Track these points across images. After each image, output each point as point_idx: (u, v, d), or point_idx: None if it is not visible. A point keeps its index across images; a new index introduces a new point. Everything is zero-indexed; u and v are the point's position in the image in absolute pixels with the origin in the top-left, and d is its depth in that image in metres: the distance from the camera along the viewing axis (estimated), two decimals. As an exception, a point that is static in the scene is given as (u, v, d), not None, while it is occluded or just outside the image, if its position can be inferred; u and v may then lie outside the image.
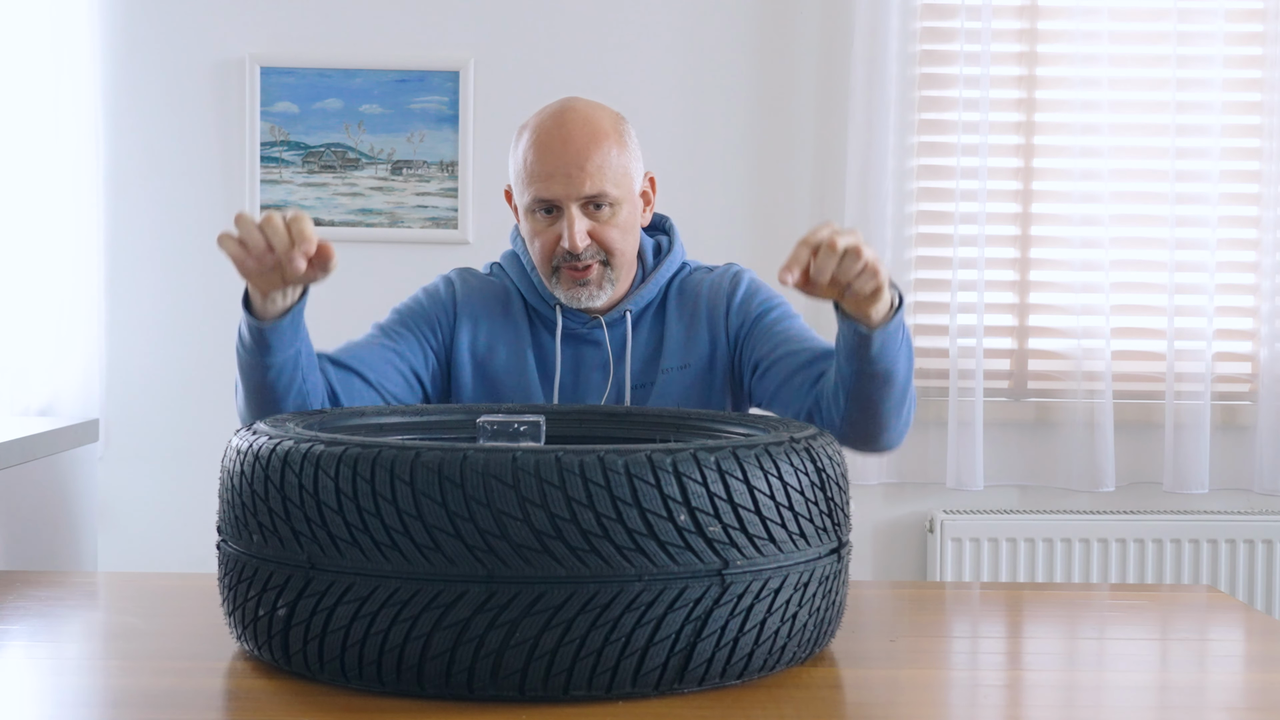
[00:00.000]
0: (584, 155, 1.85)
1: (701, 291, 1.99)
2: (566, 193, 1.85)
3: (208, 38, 3.30)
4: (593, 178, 1.85)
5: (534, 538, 1.22)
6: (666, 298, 2.00)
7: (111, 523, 3.30)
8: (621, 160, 1.89)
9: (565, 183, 1.85)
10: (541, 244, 1.90)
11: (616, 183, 1.88)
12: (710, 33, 3.34)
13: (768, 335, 1.92)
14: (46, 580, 1.82)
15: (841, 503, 1.42)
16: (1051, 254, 3.36)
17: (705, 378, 1.95)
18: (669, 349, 1.96)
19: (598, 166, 1.85)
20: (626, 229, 1.91)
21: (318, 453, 1.29)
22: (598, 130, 1.87)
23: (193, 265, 3.32)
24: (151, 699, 1.31)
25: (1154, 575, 3.29)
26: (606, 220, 1.88)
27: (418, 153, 3.32)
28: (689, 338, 1.96)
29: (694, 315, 1.97)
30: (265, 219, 1.60)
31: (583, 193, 1.85)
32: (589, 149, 1.86)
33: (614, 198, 1.88)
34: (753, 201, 3.34)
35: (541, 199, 1.87)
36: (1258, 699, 1.40)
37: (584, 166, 1.85)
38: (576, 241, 1.86)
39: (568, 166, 1.85)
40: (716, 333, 1.96)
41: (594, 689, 1.25)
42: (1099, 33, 3.28)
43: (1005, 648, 1.61)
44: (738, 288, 1.99)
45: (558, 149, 1.86)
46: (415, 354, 1.95)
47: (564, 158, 1.85)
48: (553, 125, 1.88)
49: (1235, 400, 3.37)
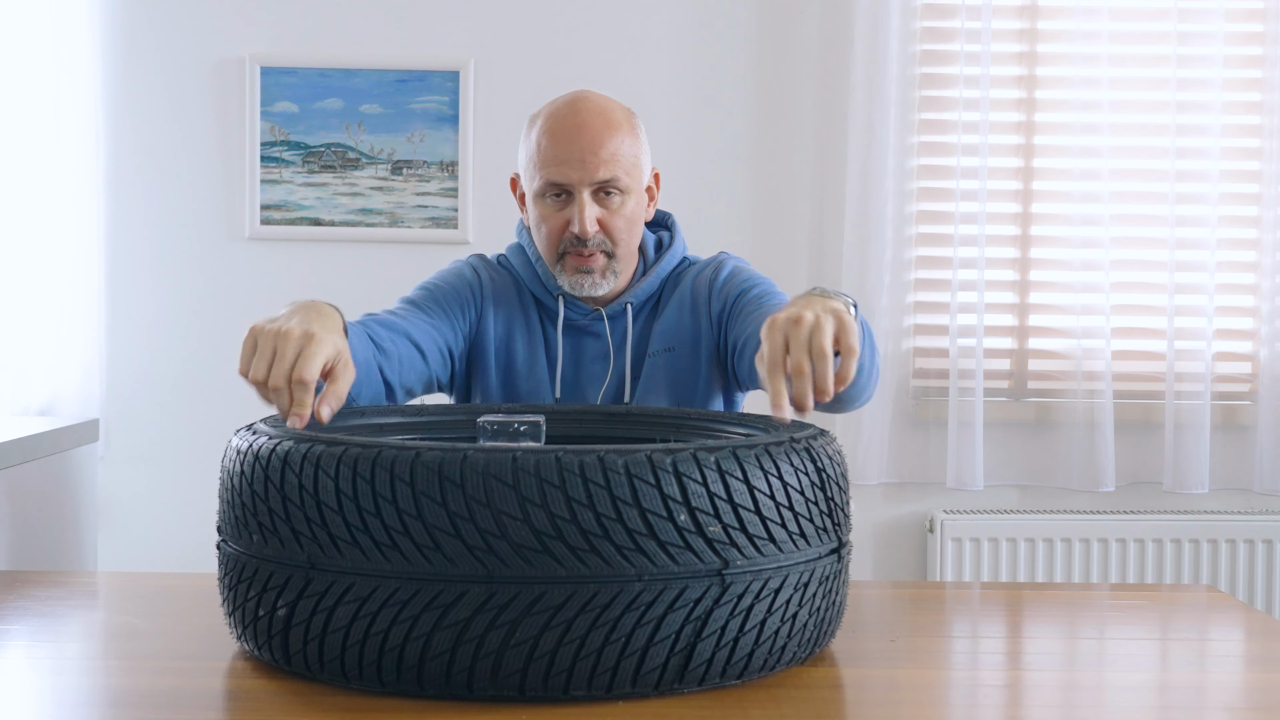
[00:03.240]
0: (598, 141, 1.87)
1: (688, 279, 2.01)
2: (580, 177, 1.87)
3: (208, 38, 3.30)
4: (606, 164, 1.87)
5: (534, 538, 1.22)
6: (664, 291, 2.02)
7: (111, 523, 3.30)
8: (633, 151, 1.91)
9: (579, 167, 1.87)
10: (549, 229, 1.92)
11: (628, 171, 1.90)
12: (710, 33, 3.34)
13: (746, 313, 1.92)
14: (46, 580, 1.82)
15: (841, 503, 1.42)
16: (1051, 254, 3.36)
17: (690, 361, 1.97)
18: (656, 333, 1.98)
19: (611, 153, 1.88)
20: (632, 220, 1.93)
21: (318, 453, 1.29)
22: (611, 119, 1.90)
23: (192, 265, 3.32)
24: (151, 699, 1.31)
25: (1154, 575, 3.29)
26: (616, 209, 1.90)
27: (418, 153, 3.32)
28: (675, 323, 1.98)
29: (680, 302, 1.99)
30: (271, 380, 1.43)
31: (596, 178, 1.87)
32: (603, 135, 1.87)
33: (625, 185, 1.90)
34: (753, 201, 3.34)
35: (554, 183, 1.89)
36: (1258, 699, 1.40)
37: (598, 152, 1.87)
38: (586, 226, 1.88)
39: (582, 152, 1.87)
40: (700, 316, 1.98)
41: (594, 689, 1.25)
42: (1099, 33, 3.28)
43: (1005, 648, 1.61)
44: (720, 271, 2.00)
45: (573, 134, 1.87)
46: (449, 332, 1.95)
47: (579, 143, 1.87)
48: (568, 112, 1.90)
49: (1235, 400, 3.37)
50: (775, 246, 3.32)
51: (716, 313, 1.97)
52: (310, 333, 1.43)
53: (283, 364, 1.41)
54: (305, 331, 1.43)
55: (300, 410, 1.41)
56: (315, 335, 1.43)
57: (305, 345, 1.42)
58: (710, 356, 1.98)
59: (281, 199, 3.32)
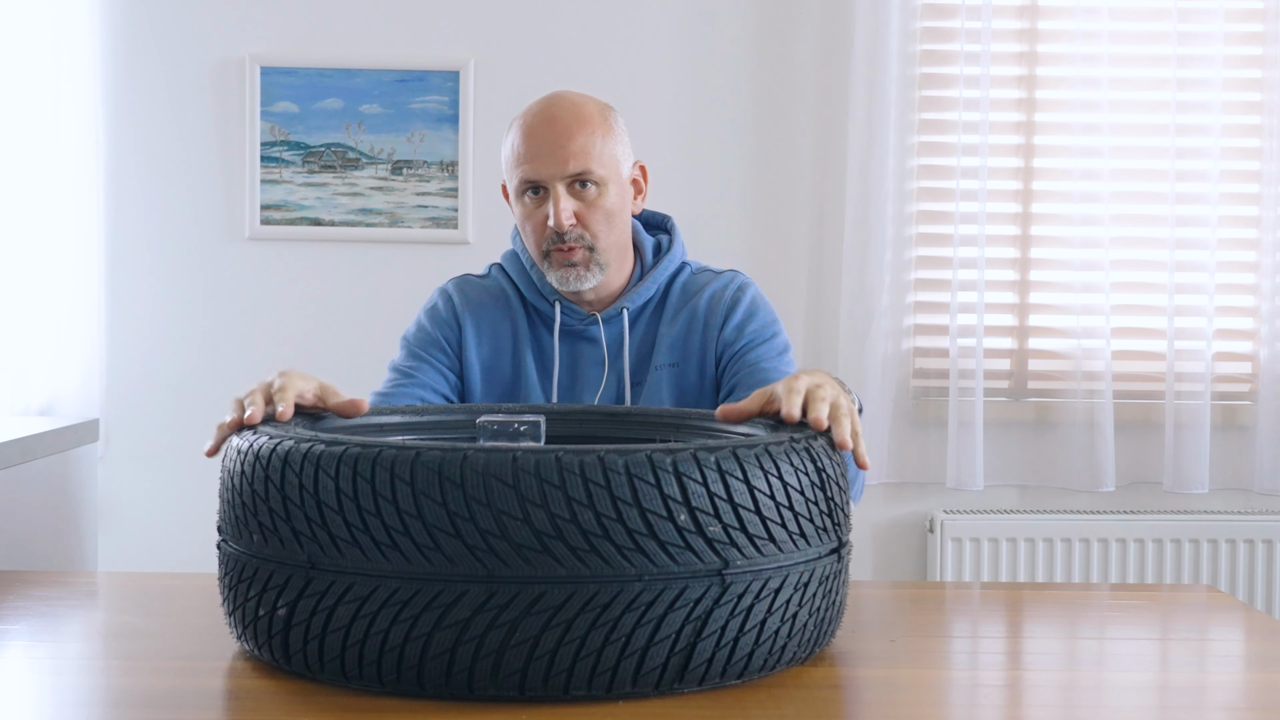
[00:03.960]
0: (567, 135, 1.90)
1: (703, 297, 2.01)
2: (551, 172, 1.90)
3: (208, 38, 3.30)
4: (576, 157, 1.90)
5: (534, 538, 1.22)
6: (666, 296, 2.02)
7: (111, 523, 3.30)
8: (607, 143, 1.93)
9: (549, 161, 1.90)
10: (533, 227, 1.94)
11: (601, 163, 1.91)
12: (710, 33, 3.34)
13: (749, 370, 1.95)
14: (46, 580, 1.82)
15: (841, 503, 1.42)
16: (1051, 254, 3.36)
17: (695, 378, 1.98)
18: (661, 346, 1.98)
19: (581, 146, 1.90)
20: (612, 212, 1.94)
21: (318, 452, 1.29)
22: (581, 113, 1.92)
23: (192, 265, 3.32)
24: (151, 699, 1.31)
25: (1154, 575, 3.29)
26: (592, 201, 1.92)
27: (418, 153, 3.32)
28: (684, 338, 1.98)
29: (691, 318, 1.99)
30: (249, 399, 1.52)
31: (566, 171, 1.89)
32: (572, 129, 1.90)
33: (599, 177, 1.91)
34: (753, 201, 3.34)
35: (528, 180, 1.92)
36: (1258, 699, 1.40)
37: (567, 145, 1.89)
38: (561, 219, 1.90)
39: (552, 147, 1.90)
40: (708, 342, 1.99)
41: (594, 689, 1.25)
42: (1099, 33, 3.28)
43: (1005, 648, 1.61)
44: (737, 305, 2.00)
45: (543, 130, 1.91)
46: (438, 380, 1.99)
47: (548, 138, 1.90)
48: (539, 110, 1.94)
49: (1235, 400, 3.37)
50: (775, 246, 3.32)
51: (723, 348, 1.98)
52: (286, 372, 1.57)
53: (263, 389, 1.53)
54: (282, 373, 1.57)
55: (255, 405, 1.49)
56: (292, 371, 1.57)
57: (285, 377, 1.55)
58: (711, 380, 1.99)
59: (281, 199, 3.32)
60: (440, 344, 2.00)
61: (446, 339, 2.00)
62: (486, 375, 1.99)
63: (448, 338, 2.00)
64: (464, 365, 1.99)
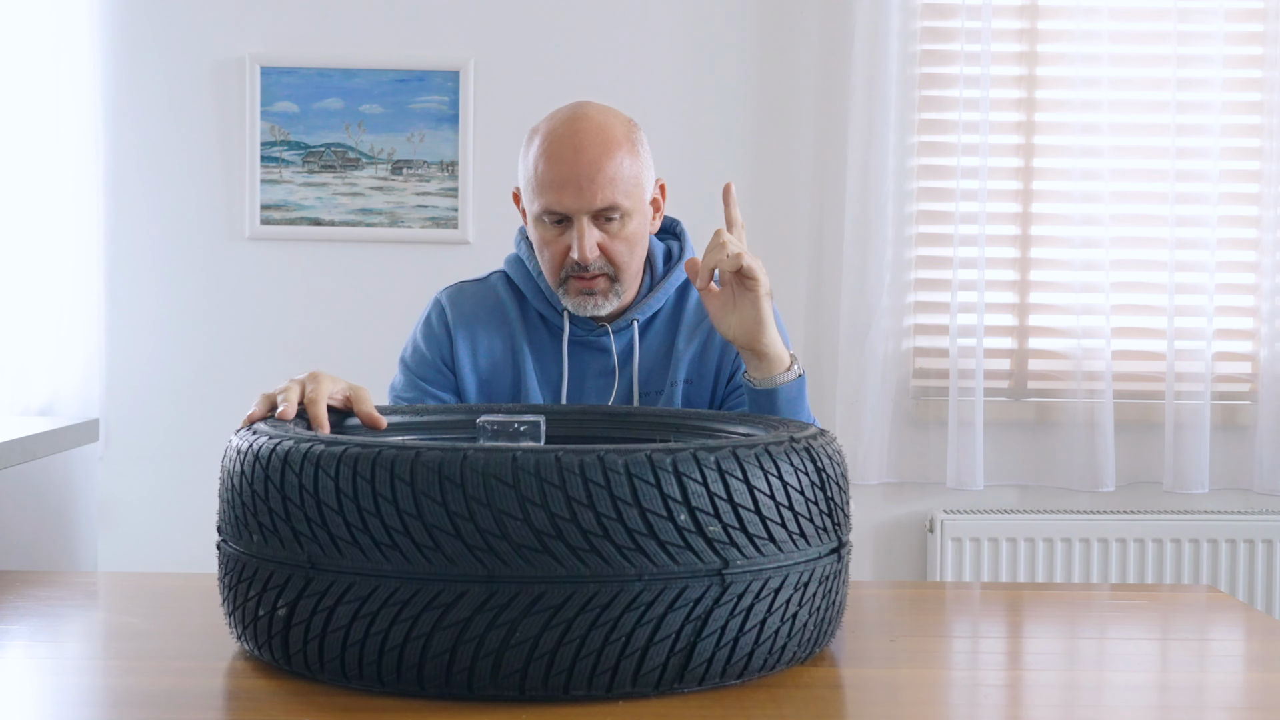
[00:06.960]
0: (596, 166, 1.81)
1: None
2: (578, 205, 1.83)
3: (208, 38, 3.30)
4: (604, 190, 1.82)
5: (534, 537, 1.22)
6: (681, 306, 2.00)
7: (111, 523, 3.30)
8: (634, 170, 1.85)
9: (576, 195, 1.82)
10: (551, 254, 1.88)
11: (628, 194, 1.85)
12: (710, 33, 3.34)
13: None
14: (46, 580, 1.82)
15: (841, 502, 1.42)
16: (1051, 254, 3.36)
17: (708, 394, 1.97)
18: (679, 362, 1.96)
19: (609, 179, 1.82)
20: (635, 240, 1.89)
21: (318, 453, 1.29)
22: (610, 140, 1.84)
23: (193, 265, 3.32)
24: (151, 699, 1.31)
25: (1154, 575, 3.29)
26: (616, 233, 1.86)
27: (418, 153, 3.32)
28: (701, 355, 1.97)
29: (710, 335, 1.97)
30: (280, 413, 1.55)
31: (594, 206, 1.83)
32: (601, 160, 1.82)
33: (625, 209, 1.85)
34: (753, 201, 3.34)
35: (552, 210, 1.84)
36: (1258, 699, 1.40)
37: (595, 179, 1.81)
38: (586, 254, 1.84)
39: (579, 178, 1.81)
40: (724, 359, 1.97)
41: (594, 689, 1.25)
42: (1099, 33, 3.28)
43: (1005, 648, 1.61)
44: None
45: (570, 159, 1.82)
46: (443, 397, 1.97)
47: (576, 168, 1.81)
48: (565, 133, 1.84)
49: (1235, 400, 3.37)
50: (775, 246, 3.32)
51: (731, 362, 1.97)
52: (316, 375, 1.59)
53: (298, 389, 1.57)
54: (312, 375, 1.59)
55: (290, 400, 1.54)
56: (321, 373, 1.60)
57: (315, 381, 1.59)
58: (722, 388, 1.98)
59: (281, 199, 3.32)
60: (436, 365, 1.97)
61: (442, 358, 1.97)
62: (484, 388, 1.96)
63: (443, 356, 1.97)
64: (459, 380, 1.96)
